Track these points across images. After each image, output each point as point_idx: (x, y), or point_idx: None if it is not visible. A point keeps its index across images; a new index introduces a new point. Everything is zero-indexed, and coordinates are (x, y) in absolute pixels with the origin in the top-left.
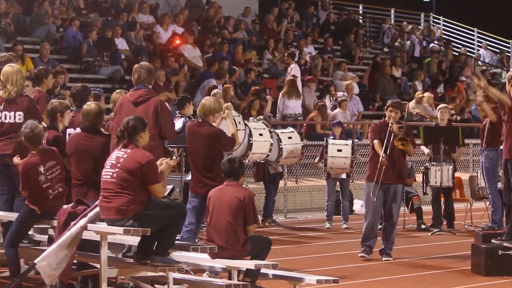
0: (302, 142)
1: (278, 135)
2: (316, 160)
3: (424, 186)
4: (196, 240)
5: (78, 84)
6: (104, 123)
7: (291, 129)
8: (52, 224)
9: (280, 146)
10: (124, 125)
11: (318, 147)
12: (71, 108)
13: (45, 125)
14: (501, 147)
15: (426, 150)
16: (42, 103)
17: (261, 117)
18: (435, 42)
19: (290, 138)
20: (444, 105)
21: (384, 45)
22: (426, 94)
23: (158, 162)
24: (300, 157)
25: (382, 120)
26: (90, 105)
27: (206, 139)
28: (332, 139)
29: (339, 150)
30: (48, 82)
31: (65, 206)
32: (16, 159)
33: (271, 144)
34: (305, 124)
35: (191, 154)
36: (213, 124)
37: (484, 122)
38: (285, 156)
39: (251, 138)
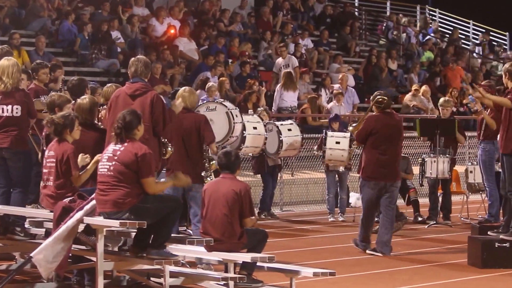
0: (302, 134)
1: (278, 127)
2: (315, 148)
3: (421, 177)
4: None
5: (75, 77)
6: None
7: (290, 121)
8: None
9: (280, 138)
10: (120, 120)
11: (313, 139)
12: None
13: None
14: (498, 139)
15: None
16: (32, 96)
17: (261, 108)
18: (431, 34)
19: (289, 130)
20: (444, 99)
21: (389, 41)
22: (423, 87)
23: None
24: (299, 149)
25: None
26: (84, 99)
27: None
28: (331, 131)
29: (338, 143)
30: (40, 77)
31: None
32: None
33: (266, 138)
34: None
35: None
36: None
37: (481, 115)
38: (285, 148)
39: (244, 131)
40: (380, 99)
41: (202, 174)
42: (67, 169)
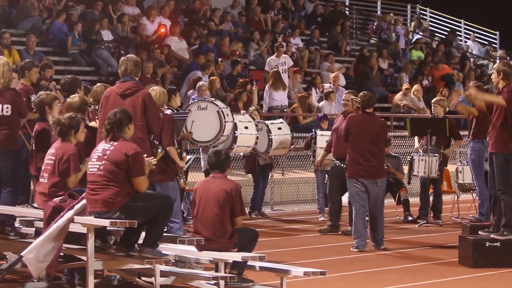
0: (292, 133)
1: (268, 126)
2: (302, 145)
3: (409, 176)
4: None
5: (68, 76)
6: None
7: (280, 120)
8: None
9: (270, 137)
10: (111, 118)
11: (303, 138)
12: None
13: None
14: (488, 139)
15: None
16: (23, 96)
17: (253, 107)
18: (420, 33)
19: (279, 129)
20: (438, 98)
21: (381, 40)
22: (415, 86)
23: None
24: (289, 148)
25: None
26: (73, 97)
27: None
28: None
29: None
30: (30, 75)
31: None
32: None
33: (257, 138)
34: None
35: None
36: None
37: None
38: (274, 147)
39: (236, 131)
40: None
41: (177, 177)
42: (65, 168)
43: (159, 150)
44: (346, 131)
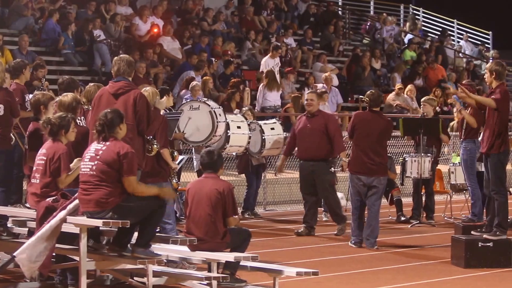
0: (285, 133)
1: (261, 126)
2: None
3: (402, 177)
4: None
5: (66, 76)
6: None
7: (273, 120)
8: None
9: (263, 137)
10: (102, 118)
11: None
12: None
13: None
14: (479, 139)
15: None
16: (18, 96)
17: (246, 108)
18: (411, 32)
19: (272, 129)
20: (427, 97)
21: (375, 40)
22: (408, 86)
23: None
24: (282, 148)
25: None
26: (65, 96)
27: None
28: None
29: None
30: (26, 74)
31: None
32: None
33: (249, 137)
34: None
35: None
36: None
37: (461, 116)
38: (268, 147)
39: (228, 131)
40: (362, 98)
41: (169, 178)
42: (56, 168)
43: (155, 146)
44: (352, 128)
